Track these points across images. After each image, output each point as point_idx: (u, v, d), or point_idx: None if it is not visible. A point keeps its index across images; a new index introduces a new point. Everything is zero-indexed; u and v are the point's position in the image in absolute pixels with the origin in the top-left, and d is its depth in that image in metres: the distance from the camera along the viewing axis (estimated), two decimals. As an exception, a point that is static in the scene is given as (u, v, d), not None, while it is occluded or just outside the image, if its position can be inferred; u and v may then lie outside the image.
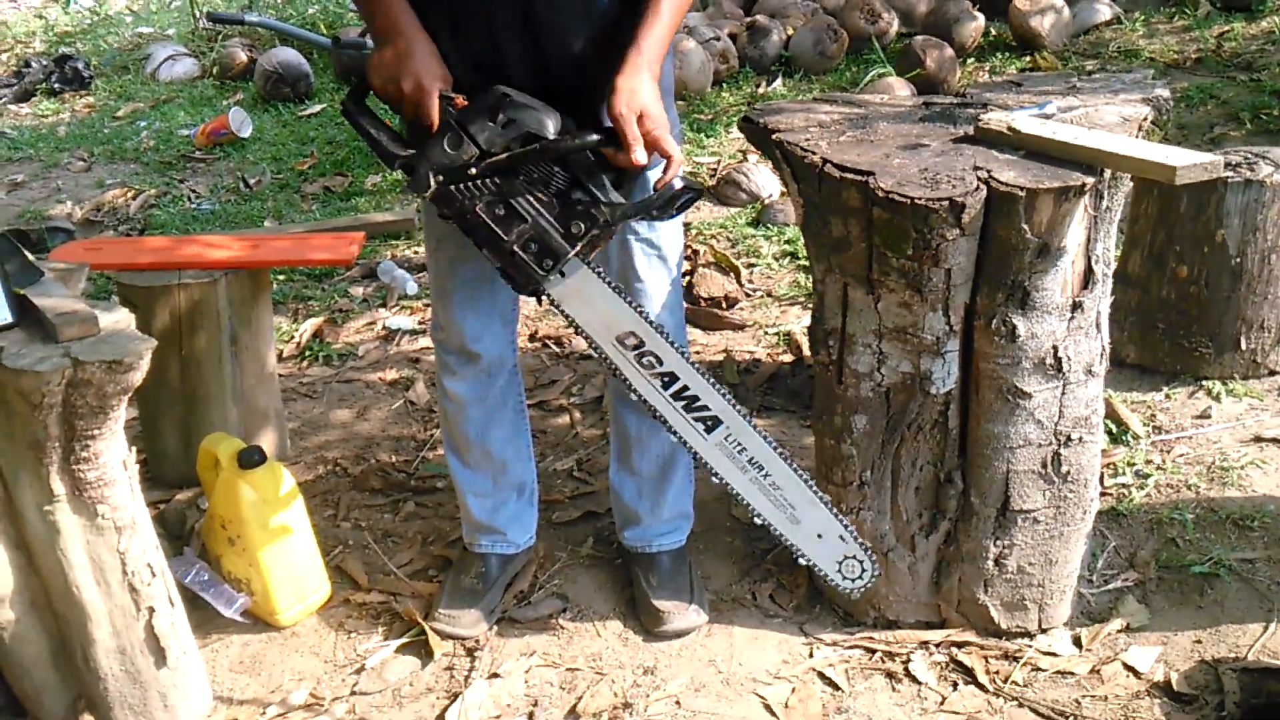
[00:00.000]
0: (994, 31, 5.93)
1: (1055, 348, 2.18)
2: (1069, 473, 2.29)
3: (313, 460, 3.19)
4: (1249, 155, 3.05)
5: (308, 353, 3.75)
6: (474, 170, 1.96)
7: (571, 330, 2.07)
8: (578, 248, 1.98)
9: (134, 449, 2.16)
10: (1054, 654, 2.34)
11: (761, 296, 3.85)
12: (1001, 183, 2.04)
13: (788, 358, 3.48)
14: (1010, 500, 2.29)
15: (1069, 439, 2.27)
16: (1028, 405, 2.22)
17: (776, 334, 3.61)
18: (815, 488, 2.01)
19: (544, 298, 2.04)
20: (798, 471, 2.01)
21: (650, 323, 2.03)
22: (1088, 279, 2.18)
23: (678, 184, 1.99)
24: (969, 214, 2.03)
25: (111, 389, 2.00)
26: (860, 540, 2.01)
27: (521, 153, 1.96)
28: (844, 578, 2.01)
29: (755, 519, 2.02)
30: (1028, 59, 5.60)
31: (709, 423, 2.02)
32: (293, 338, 3.82)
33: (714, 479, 2.03)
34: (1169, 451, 2.87)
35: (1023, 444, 2.25)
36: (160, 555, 2.23)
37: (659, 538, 2.59)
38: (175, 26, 8.54)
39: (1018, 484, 2.28)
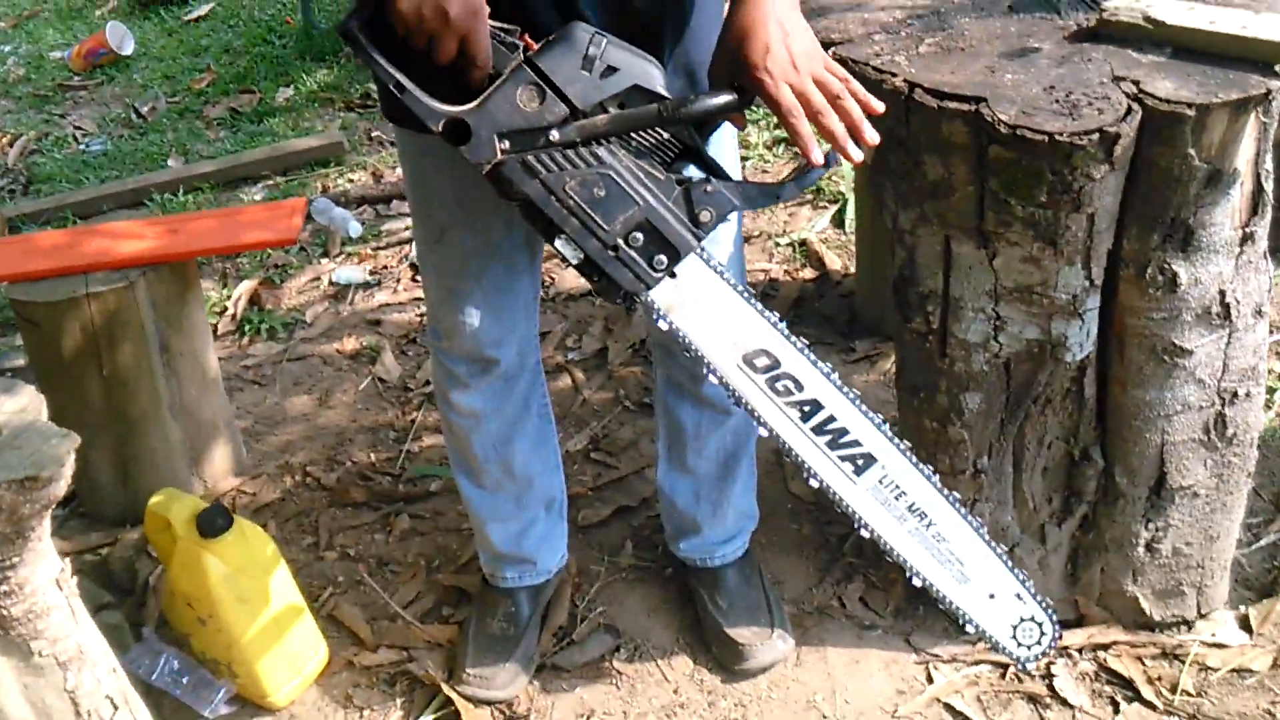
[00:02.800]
0: None
1: (1222, 292, 1.73)
2: (1234, 435, 1.87)
3: (277, 471, 2.68)
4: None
5: (246, 326, 3.19)
6: (557, 135, 1.44)
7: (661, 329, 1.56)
8: (714, 251, 1.49)
9: (68, 559, 1.66)
10: (1221, 645, 1.96)
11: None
12: (1159, 99, 1.56)
13: (809, 273, 3.00)
14: (1167, 476, 1.87)
15: (1234, 395, 1.84)
16: (1187, 364, 1.78)
17: (789, 244, 3.12)
18: (989, 538, 1.57)
19: (638, 304, 1.54)
20: (968, 518, 1.56)
21: (788, 337, 1.54)
22: (1256, 202, 1.72)
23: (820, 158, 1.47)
24: (1122, 145, 1.55)
25: (28, 509, 1.50)
26: (1041, 599, 1.58)
27: (632, 115, 1.44)
28: (1019, 644, 1.58)
29: (913, 579, 1.57)
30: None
31: (860, 462, 1.55)
32: (225, 309, 3.26)
33: (863, 531, 1.57)
34: (1289, 354, 2.46)
35: (1181, 409, 1.82)
36: (120, 679, 1.75)
37: (721, 546, 2.15)
38: (25, -79, 7.56)
39: (1175, 456, 1.86)
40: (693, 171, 1.53)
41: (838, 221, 3.16)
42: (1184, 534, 1.92)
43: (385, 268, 3.37)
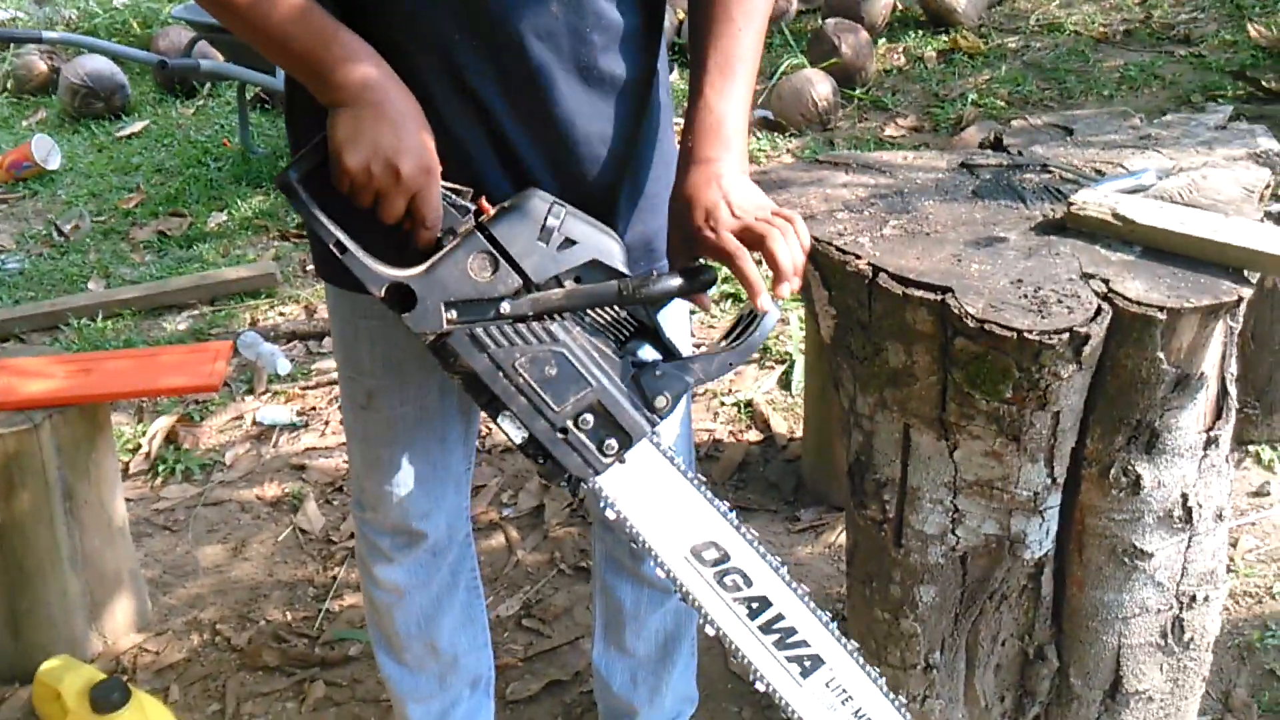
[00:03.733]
0: (900, 6, 5.44)
1: (1185, 495, 1.68)
2: (1191, 639, 1.81)
3: (184, 627, 2.51)
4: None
5: (160, 466, 3.04)
6: (509, 308, 1.36)
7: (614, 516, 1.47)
8: (659, 425, 1.41)
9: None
10: None
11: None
12: (1130, 300, 1.52)
13: (754, 435, 2.93)
14: (1122, 680, 1.80)
15: (1193, 600, 1.78)
16: (1147, 566, 1.72)
17: (735, 404, 3.06)
18: None
19: (581, 488, 1.45)
20: None
21: (738, 529, 1.46)
22: (1221, 405, 1.69)
23: (775, 314, 1.41)
24: (1091, 345, 1.51)
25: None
26: None
27: (590, 292, 1.37)
28: None
29: None
30: (945, 38, 5.14)
31: (807, 663, 1.47)
32: (139, 446, 3.10)
33: None
34: (1234, 545, 2.42)
35: (1139, 612, 1.76)
36: None
37: (658, 733, 2.03)
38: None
39: (1131, 660, 1.79)
40: (647, 351, 1.45)
41: (784, 383, 3.11)
42: (1140, 739, 1.85)
43: (314, 409, 3.24)
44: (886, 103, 4.82)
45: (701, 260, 1.41)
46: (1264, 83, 4.27)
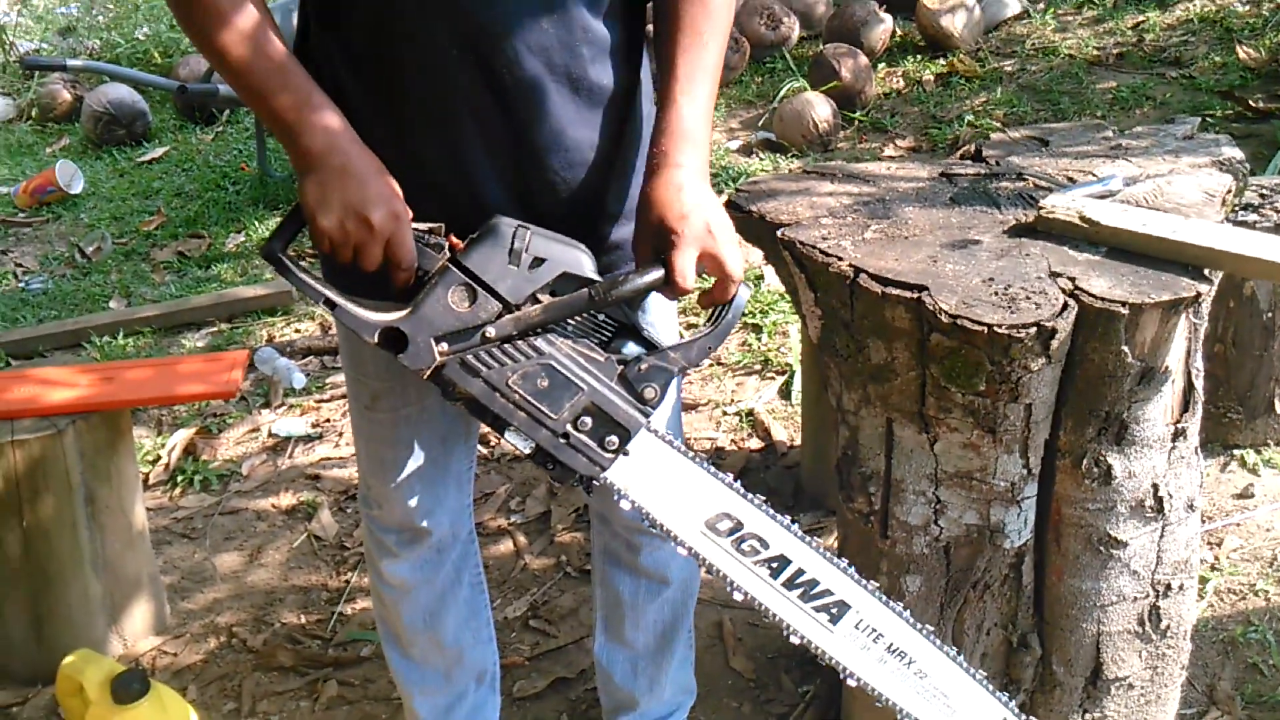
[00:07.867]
0: (899, 32, 5.54)
1: (1155, 486, 1.76)
2: (1168, 627, 1.88)
3: (201, 630, 2.60)
4: (1265, 191, 2.68)
5: (179, 476, 3.13)
6: (493, 331, 1.45)
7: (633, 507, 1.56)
8: (653, 415, 1.50)
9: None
10: (1158, 841, 1.92)
11: (710, 365, 3.37)
12: (1095, 296, 1.60)
13: (755, 443, 3.01)
14: (1103, 667, 1.87)
15: (1168, 588, 1.86)
16: (1122, 555, 1.80)
17: (737, 414, 3.14)
18: (965, 663, 1.58)
19: (593, 485, 1.54)
20: (945, 649, 1.57)
21: (745, 497, 1.55)
22: (1187, 399, 1.77)
23: (744, 293, 1.52)
24: (1058, 339, 1.59)
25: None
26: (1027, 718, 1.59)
27: (564, 303, 1.46)
28: None
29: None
30: (942, 62, 5.23)
31: (834, 610, 1.55)
32: (158, 458, 3.20)
33: (849, 680, 1.56)
34: (1219, 544, 2.49)
35: (1116, 600, 1.83)
36: None
37: (658, 725, 2.10)
38: (-19, 58, 7.60)
39: (1110, 647, 1.86)
40: (631, 347, 1.54)
41: (784, 393, 3.19)
42: (1120, 725, 1.91)
43: (328, 421, 3.34)
44: (885, 124, 4.92)
45: (665, 256, 1.48)
46: (1251, 102, 4.37)
